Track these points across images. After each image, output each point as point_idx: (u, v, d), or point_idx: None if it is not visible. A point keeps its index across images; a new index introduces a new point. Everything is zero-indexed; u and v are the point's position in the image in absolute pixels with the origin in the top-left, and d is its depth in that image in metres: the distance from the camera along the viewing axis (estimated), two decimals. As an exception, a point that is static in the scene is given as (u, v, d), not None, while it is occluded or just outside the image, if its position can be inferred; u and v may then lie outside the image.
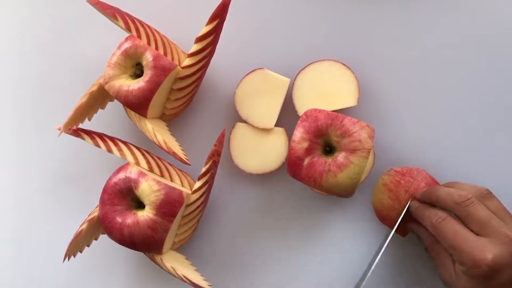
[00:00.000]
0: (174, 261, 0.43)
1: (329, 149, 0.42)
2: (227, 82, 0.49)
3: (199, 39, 0.42)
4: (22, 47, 0.52)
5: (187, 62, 0.43)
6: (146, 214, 0.41)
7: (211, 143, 0.48)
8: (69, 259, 0.44)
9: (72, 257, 0.44)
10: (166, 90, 0.44)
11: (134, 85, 0.43)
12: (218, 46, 0.44)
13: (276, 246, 0.48)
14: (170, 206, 0.41)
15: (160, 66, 0.42)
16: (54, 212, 0.50)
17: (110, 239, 0.43)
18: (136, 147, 0.45)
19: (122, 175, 0.42)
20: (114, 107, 0.49)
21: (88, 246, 0.45)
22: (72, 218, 0.49)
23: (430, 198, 0.41)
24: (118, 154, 0.43)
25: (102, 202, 0.42)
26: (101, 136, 0.45)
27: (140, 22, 0.44)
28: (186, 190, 0.43)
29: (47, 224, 0.50)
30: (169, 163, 0.46)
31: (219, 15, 0.41)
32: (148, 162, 0.44)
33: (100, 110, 0.47)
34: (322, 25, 0.49)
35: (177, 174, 0.45)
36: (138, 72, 0.44)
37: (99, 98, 0.46)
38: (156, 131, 0.44)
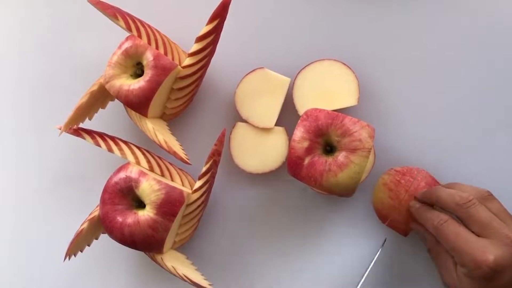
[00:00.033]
0: (174, 260, 0.43)
1: (329, 148, 0.42)
2: (228, 82, 0.49)
3: (200, 39, 0.42)
4: (22, 47, 0.52)
5: (188, 61, 0.43)
6: (146, 214, 0.41)
7: (212, 143, 0.48)
8: (69, 259, 0.44)
9: (72, 256, 0.44)
10: (167, 90, 0.44)
11: (135, 84, 0.43)
12: (218, 45, 0.44)
13: (276, 245, 0.48)
14: (171, 205, 0.41)
15: (160, 66, 0.42)
16: (54, 212, 0.50)
17: (111, 239, 0.43)
18: (136, 147, 0.45)
19: (122, 175, 0.42)
20: (115, 107, 0.49)
21: (88, 245, 0.45)
22: (72, 218, 0.49)
23: (431, 199, 0.41)
24: (119, 153, 0.43)
25: (103, 201, 0.42)
26: (101, 135, 0.45)
27: (140, 21, 0.44)
28: (187, 190, 0.43)
29: (47, 224, 0.50)
30: (169, 163, 0.46)
31: (219, 15, 0.41)
32: (148, 162, 0.44)
33: (100, 110, 0.47)
34: (322, 25, 0.49)
35: (177, 173, 0.45)
36: (138, 71, 0.44)
37: (100, 97, 0.46)
38: (156, 131, 0.44)
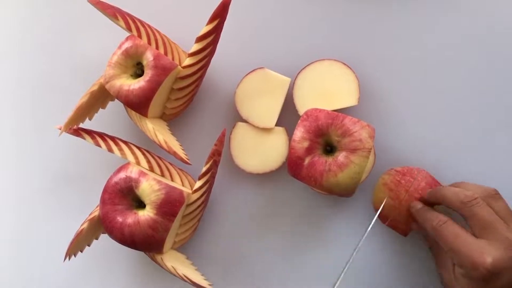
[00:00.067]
0: (174, 260, 0.43)
1: (329, 148, 0.42)
2: (228, 82, 0.49)
3: (200, 39, 0.42)
4: (22, 47, 0.52)
5: (188, 61, 0.43)
6: (146, 214, 0.41)
7: (212, 143, 0.48)
8: (69, 259, 0.44)
9: (72, 256, 0.44)
10: (167, 90, 0.44)
11: (135, 84, 0.43)
12: (218, 45, 0.44)
13: (276, 245, 0.48)
14: (171, 205, 0.41)
15: (160, 66, 0.42)
16: (54, 212, 0.50)
17: (111, 239, 0.43)
18: (136, 147, 0.45)
19: (122, 175, 0.42)
20: (115, 107, 0.49)
21: (88, 245, 0.45)
22: (72, 218, 0.49)
23: (436, 197, 0.41)
24: (119, 153, 0.43)
25: (103, 201, 0.42)
26: (101, 135, 0.45)
27: (140, 21, 0.44)
28: (187, 190, 0.43)
29: (47, 224, 0.50)
30: (169, 163, 0.46)
31: (220, 15, 0.41)
32: (148, 162, 0.44)
33: (100, 110, 0.47)
34: (322, 25, 0.49)
35: (177, 173, 0.45)
36: (138, 71, 0.44)
37: (100, 97, 0.46)
38: (156, 131, 0.44)
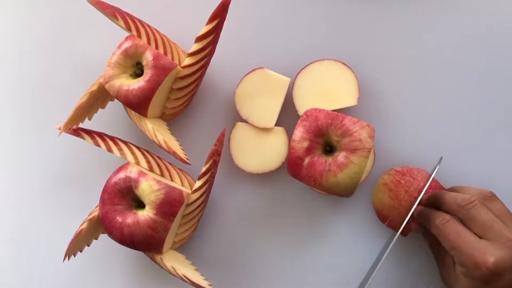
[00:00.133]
0: (174, 260, 0.43)
1: (329, 148, 0.42)
2: (227, 82, 0.49)
3: (199, 39, 0.42)
4: (22, 47, 0.52)
5: (187, 61, 0.43)
6: (146, 214, 0.41)
7: (211, 143, 0.48)
8: (69, 259, 0.44)
9: (72, 256, 0.44)
10: (166, 90, 0.44)
11: (134, 84, 0.43)
12: (218, 45, 0.44)
13: (276, 245, 0.48)
14: (170, 205, 0.41)
15: (160, 66, 0.42)
16: (54, 212, 0.50)
17: (110, 239, 0.42)
18: (136, 147, 0.45)
19: (122, 175, 0.42)
20: (114, 107, 0.49)
21: (88, 245, 0.45)
22: (72, 218, 0.49)
23: (435, 202, 0.42)
24: (118, 153, 0.43)
25: (102, 201, 0.42)
26: (101, 135, 0.44)
27: (140, 21, 0.44)
28: (186, 190, 0.43)
29: (47, 224, 0.50)
30: (169, 163, 0.46)
31: (219, 15, 0.41)
32: (148, 162, 0.44)
33: (100, 110, 0.47)
34: (322, 25, 0.49)
35: (177, 173, 0.45)
36: (138, 71, 0.44)
37: (99, 97, 0.46)
38: (156, 131, 0.44)
